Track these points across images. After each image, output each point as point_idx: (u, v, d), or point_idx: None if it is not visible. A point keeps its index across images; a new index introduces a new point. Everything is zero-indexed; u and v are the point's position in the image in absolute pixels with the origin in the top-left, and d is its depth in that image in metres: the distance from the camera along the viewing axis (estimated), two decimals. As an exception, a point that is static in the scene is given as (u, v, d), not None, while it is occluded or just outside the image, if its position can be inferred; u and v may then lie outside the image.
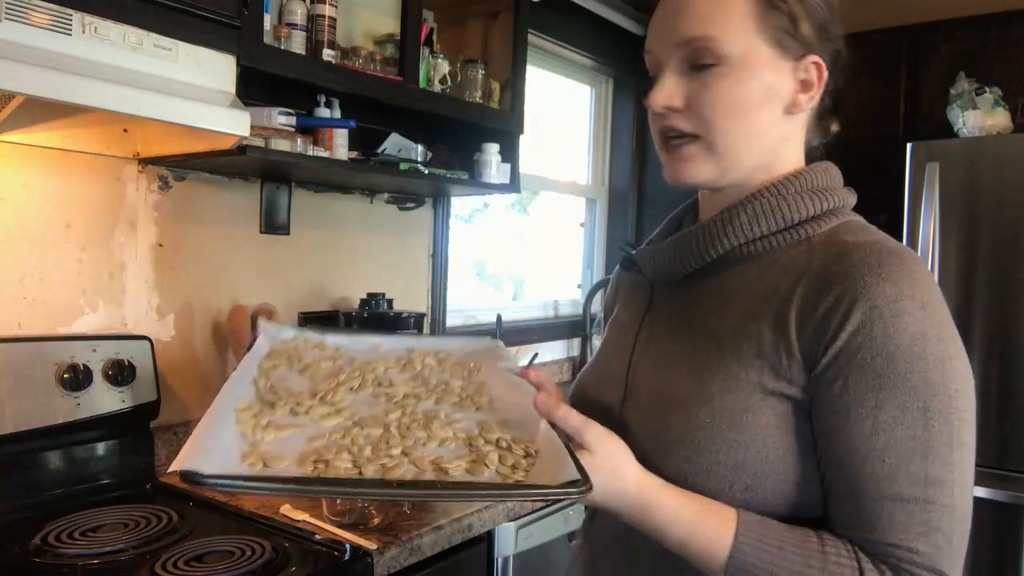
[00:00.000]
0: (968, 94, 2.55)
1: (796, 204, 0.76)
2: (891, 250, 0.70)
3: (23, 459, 1.32)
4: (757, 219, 0.76)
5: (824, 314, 0.68)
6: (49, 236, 1.43)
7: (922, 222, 2.40)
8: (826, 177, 0.80)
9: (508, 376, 0.88)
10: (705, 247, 0.78)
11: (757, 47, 0.74)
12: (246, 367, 0.84)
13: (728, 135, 0.76)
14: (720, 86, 0.74)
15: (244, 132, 1.26)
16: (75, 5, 1.09)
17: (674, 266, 0.81)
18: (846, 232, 0.74)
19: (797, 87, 0.77)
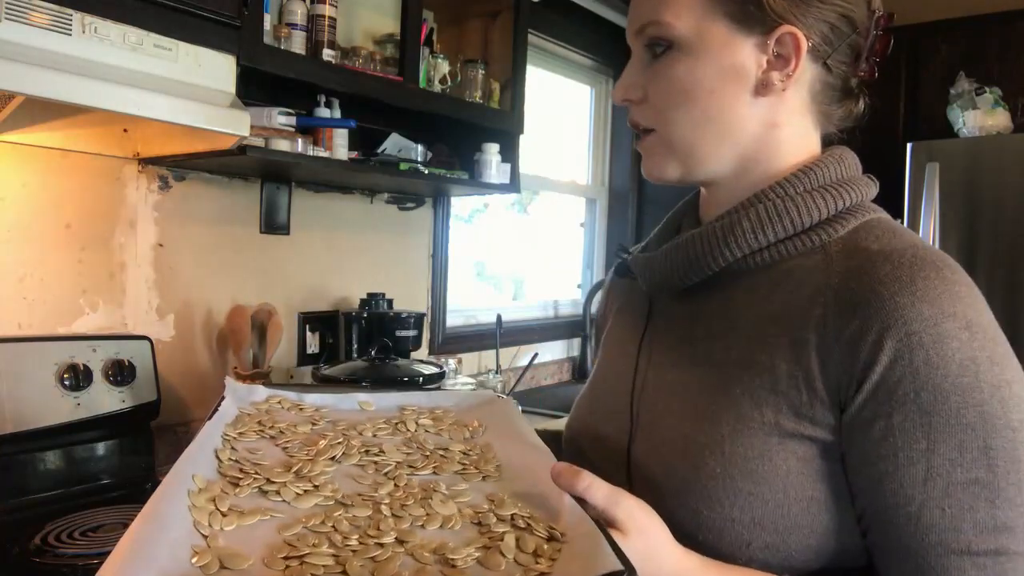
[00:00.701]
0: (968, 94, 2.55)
1: (806, 205, 0.66)
2: (924, 260, 0.59)
3: (23, 459, 1.32)
4: (762, 225, 0.66)
5: (850, 343, 0.59)
6: (49, 236, 1.43)
7: (922, 222, 2.41)
8: (840, 168, 0.69)
9: (519, 437, 0.76)
10: (704, 259, 0.68)
11: (711, 24, 0.66)
12: (207, 436, 0.71)
13: (681, 126, 0.68)
14: (671, 73, 0.67)
15: (244, 132, 1.26)
16: (75, 5, 1.09)
17: (671, 278, 0.72)
18: (868, 236, 0.64)
19: (766, 64, 0.66)
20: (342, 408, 0.86)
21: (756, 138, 0.68)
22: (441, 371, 1.61)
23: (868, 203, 0.68)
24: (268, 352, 1.70)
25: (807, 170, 0.68)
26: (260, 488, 0.62)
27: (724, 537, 0.61)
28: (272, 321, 1.73)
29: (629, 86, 0.70)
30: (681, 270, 0.70)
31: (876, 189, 0.70)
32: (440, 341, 2.29)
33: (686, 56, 0.66)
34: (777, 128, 0.69)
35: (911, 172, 2.46)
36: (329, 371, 1.52)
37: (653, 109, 0.69)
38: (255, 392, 0.86)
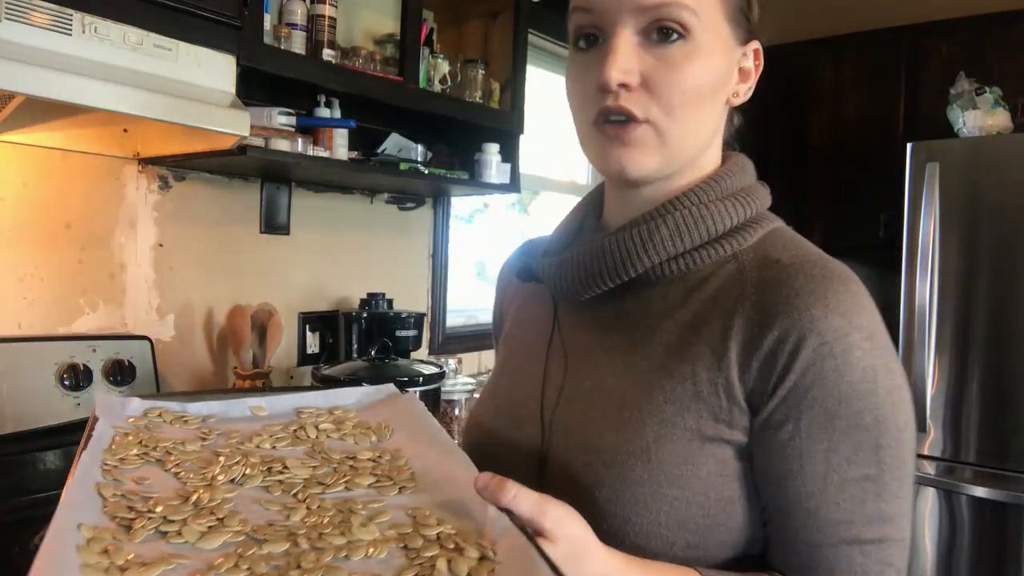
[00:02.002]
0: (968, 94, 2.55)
1: (719, 213, 0.67)
2: (833, 272, 0.63)
3: (23, 459, 1.32)
4: (680, 233, 0.66)
5: (769, 353, 0.61)
6: (49, 236, 1.43)
7: (922, 222, 2.41)
8: (743, 176, 0.72)
9: (430, 438, 0.70)
10: (622, 265, 0.67)
11: (722, 25, 0.66)
12: (84, 470, 0.62)
13: (684, 123, 0.66)
14: (688, 67, 0.64)
15: (244, 132, 1.26)
16: (75, 5, 1.09)
17: (582, 285, 0.70)
18: (776, 246, 0.67)
19: (738, 75, 0.69)
20: (232, 416, 0.77)
21: (707, 144, 0.71)
22: (441, 371, 1.61)
23: (767, 211, 0.72)
24: (268, 352, 1.70)
25: (718, 178, 0.70)
26: (158, 529, 0.54)
27: (651, 540, 0.63)
28: (272, 321, 1.73)
29: (628, 69, 0.64)
30: (594, 276, 0.69)
31: (770, 195, 0.73)
32: (440, 341, 2.29)
33: (700, 51, 0.64)
34: (716, 135, 0.72)
35: (911, 172, 2.45)
36: (329, 371, 1.52)
37: (655, 99, 0.64)
38: (129, 405, 0.76)
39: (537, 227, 3.03)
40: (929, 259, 2.39)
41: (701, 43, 0.64)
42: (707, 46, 0.64)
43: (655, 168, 0.67)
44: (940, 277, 2.39)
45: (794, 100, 3.03)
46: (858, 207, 2.84)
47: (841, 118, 2.93)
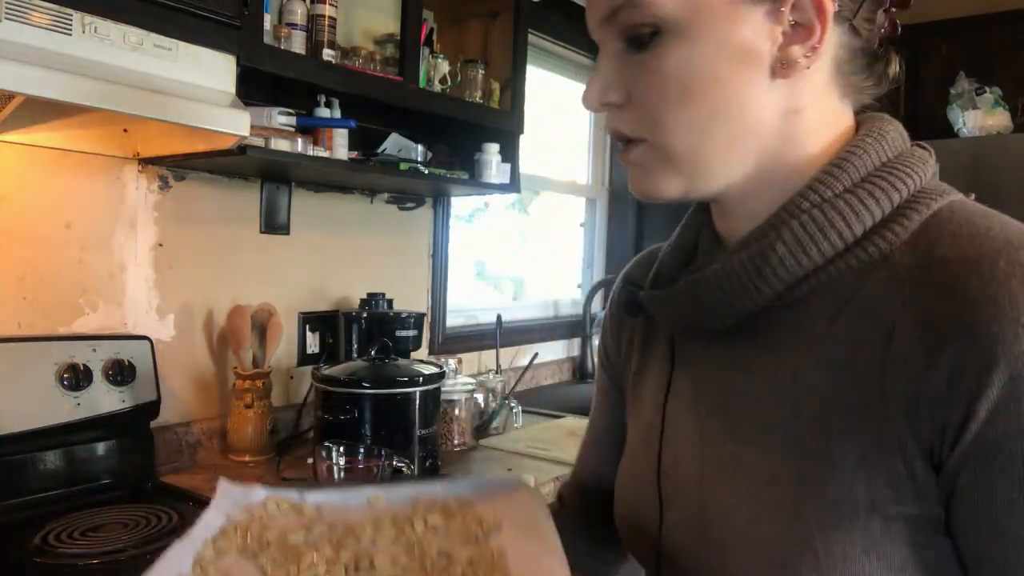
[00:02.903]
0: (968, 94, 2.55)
1: (852, 209, 0.51)
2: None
3: (23, 459, 1.32)
4: (802, 247, 0.51)
5: (941, 391, 0.46)
6: (49, 236, 1.43)
7: (922, 222, 2.41)
8: (882, 146, 0.55)
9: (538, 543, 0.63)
10: (736, 299, 0.54)
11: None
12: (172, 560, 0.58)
13: (682, 131, 0.54)
14: (662, 66, 0.53)
15: (244, 132, 1.26)
16: (75, 5, 1.09)
17: (697, 320, 0.58)
18: (941, 235, 0.49)
19: (782, 37, 0.52)
20: (349, 506, 0.74)
21: (776, 131, 0.54)
22: (441, 371, 1.61)
23: (930, 184, 0.54)
24: (268, 352, 1.70)
25: (842, 161, 0.54)
26: None
27: None
28: (272, 321, 1.73)
29: (606, 87, 0.55)
30: (708, 312, 0.56)
31: (933, 159, 0.56)
32: (440, 341, 2.29)
33: (680, 41, 0.52)
34: (800, 114, 0.55)
35: (911, 172, 2.46)
36: (329, 371, 1.52)
37: (642, 113, 0.55)
38: (251, 494, 0.73)
39: (537, 227, 3.03)
40: (929, 259, 2.39)
41: (681, 29, 0.52)
42: (690, 29, 0.52)
43: (680, 190, 0.56)
44: (940, 277, 2.39)
45: (794, 100, 3.03)
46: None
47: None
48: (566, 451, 1.79)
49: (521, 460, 1.75)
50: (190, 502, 1.38)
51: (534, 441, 1.90)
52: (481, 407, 2.01)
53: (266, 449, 1.65)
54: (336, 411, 1.46)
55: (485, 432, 1.96)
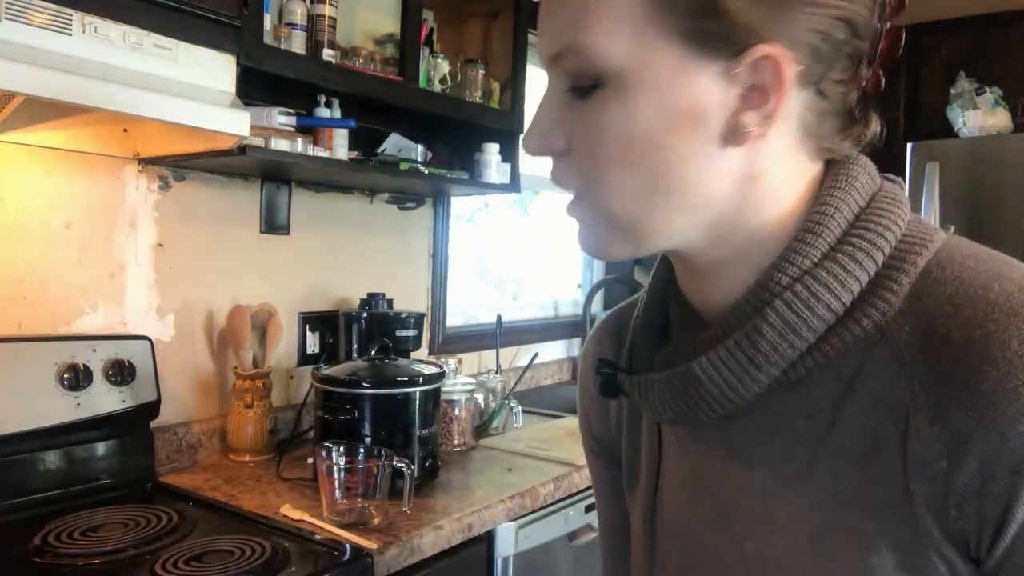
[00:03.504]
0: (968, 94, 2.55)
1: (840, 279, 0.46)
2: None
3: (23, 459, 1.32)
4: (792, 327, 0.46)
5: (970, 494, 0.42)
6: (49, 236, 1.43)
7: (922, 222, 2.41)
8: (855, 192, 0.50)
9: None
10: (732, 389, 0.49)
11: (655, 48, 0.45)
12: None
13: (619, 194, 0.48)
14: (600, 120, 0.47)
15: (244, 132, 1.26)
16: (75, 5, 1.09)
17: (689, 414, 0.52)
18: (938, 302, 0.45)
19: (737, 101, 0.46)
20: None
21: (730, 199, 0.49)
22: (441, 371, 1.61)
23: (911, 230, 0.49)
24: (268, 352, 1.70)
25: (814, 224, 0.48)
26: None
27: None
28: (272, 321, 1.73)
29: (547, 132, 0.50)
30: (701, 407, 0.51)
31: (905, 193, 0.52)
32: (440, 341, 2.29)
33: (621, 97, 0.46)
34: (760, 180, 0.49)
35: (911, 172, 2.46)
36: (329, 371, 1.52)
37: (582, 168, 0.49)
38: None
39: (537, 227, 3.03)
40: (929, 259, 2.39)
41: (622, 85, 0.46)
42: (633, 85, 0.46)
43: (626, 252, 0.51)
44: (940, 277, 2.39)
45: (794, 100, 3.03)
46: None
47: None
48: (566, 451, 1.79)
49: (521, 460, 1.75)
50: (190, 502, 1.38)
51: (534, 441, 1.90)
52: (481, 407, 2.01)
53: (266, 449, 1.65)
54: (336, 411, 1.46)
55: (485, 432, 1.96)
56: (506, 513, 1.46)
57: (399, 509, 1.34)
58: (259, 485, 1.49)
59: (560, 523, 1.61)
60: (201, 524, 1.28)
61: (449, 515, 1.36)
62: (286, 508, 1.34)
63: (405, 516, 1.33)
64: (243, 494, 1.43)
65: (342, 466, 1.29)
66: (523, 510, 1.50)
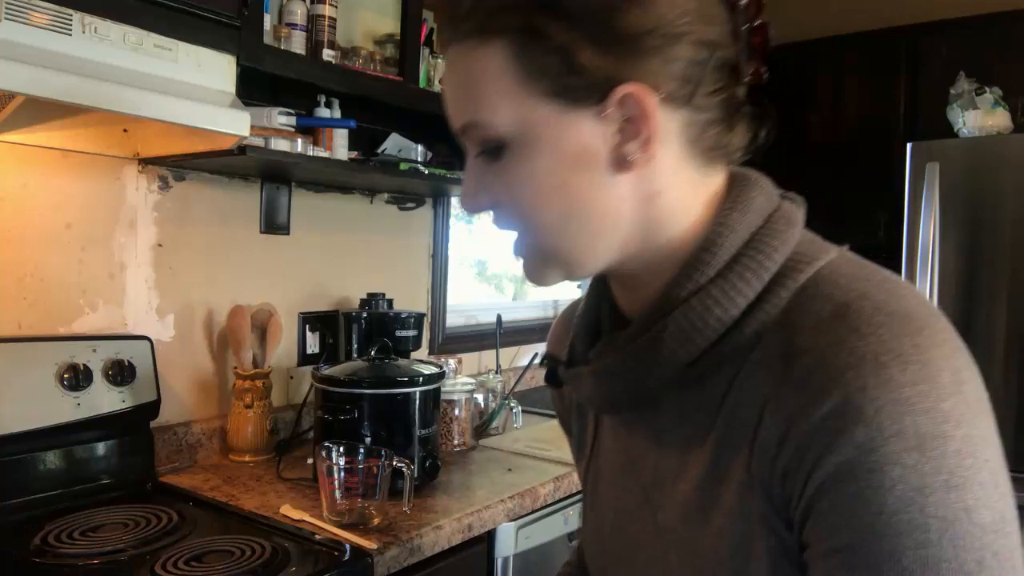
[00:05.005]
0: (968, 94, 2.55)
1: (730, 295, 0.53)
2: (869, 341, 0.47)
3: (23, 459, 1.32)
4: (687, 335, 0.54)
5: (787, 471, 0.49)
6: (49, 236, 1.43)
7: (922, 222, 2.41)
8: (751, 214, 0.56)
9: None
10: (639, 384, 0.57)
11: (534, 109, 0.53)
12: None
13: (544, 231, 0.56)
14: (510, 177, 0.56)
15: (244, 132, 1.26)
16: (75, 5, 1.09)
17: (606, 403, 0.62)
18: (804, 314, 0.51)
19: (617, 135, 0.53)
20: None
21: (637, 218, 0.56)
22: (441, 371, 1.61)
23: (800, 248, 0.55)
24: (268, 352, 1.70)
25: (711, 244, 0.55)
26: None
27: None
28: (272, 321, 1.73)
29: (473, 194, 0.59)
30: (616, 399, 0.61)
31: (802, 214, 0.58)
32: (440, 341, 2.29)
33: (523, 153, 0.54)
34: (659, 197, 0.55)
35: (911, 172, 2.45)
36: (329, 371, 1.52)
37: (509, 215, 0.58)
38: None
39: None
40: (929, 259, 2.39)
41: (520, 144, 0.54)
42: (526, 143, 0.54)
43: (561, 278, 0.59)
44: (940, 277, 2.39)
45: (794, 100, 3.03)
46: (858, 207, 2.84)
47: (841, 118, 2.93)
48: (566, 451, 1.77)
49: (521, 460, 1.75)
50: (190, 502, 1.38)
51: (534, 441, 1.90)
52: (481, 407, 2.01)
53: (266, 449, 1.65)
54: (336, 411, 1.46)
55: (485, 432, 1.96)
56: (506, 513, 1.46)
57: (399, 509, 1.34)
58: (259, 485, 1.49)
59: (560, 523, 1.61)
60: (201, 524, 1.28)
61: (449, 515, 1.36)
62: (286, 508, 1.34)
63: (405, 516, 1.33)
64: (243, 494, 1.43)
65: (342, 466, 1.29)
66: (523, 510, 1.50)
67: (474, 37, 0.54)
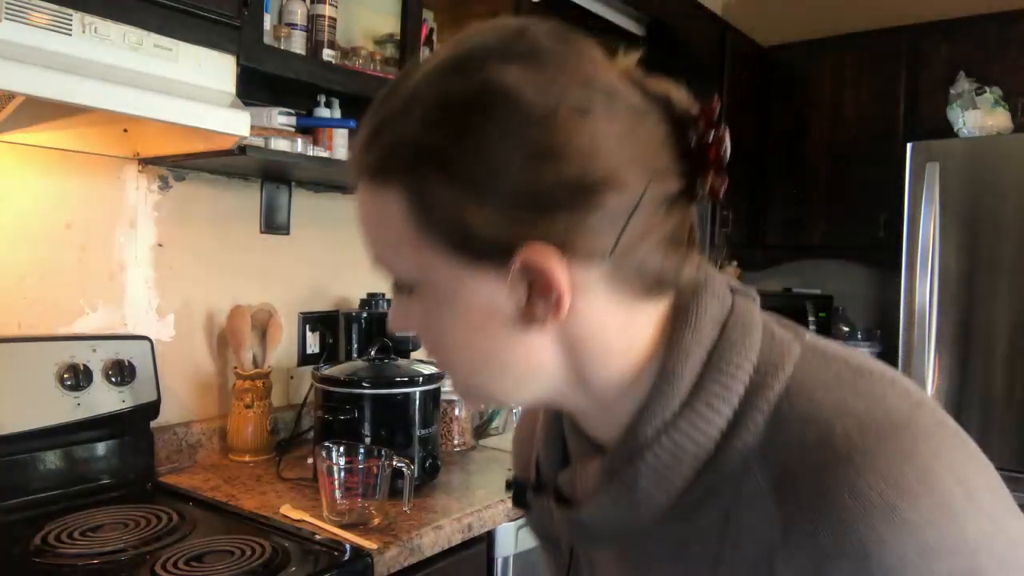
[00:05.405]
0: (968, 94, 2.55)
1: (701, 428, 0.48)
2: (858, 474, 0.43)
3: (23, 459, 1.32)
4: (664, 476, 0.49)
5: None
6: (49, 236, 1.43)
7: (922, 222, 2.41)
8: (704, 331, 0.50)
9: None
10: (622, 528, 0.52)
11: (433, 261, 0.48)
12: None
13: (456, 371, 0.53)
14: (420, 317, 0.52)
15: (244, 132, 1.26)
16: (75, 5, 1.09)
17: (583, 541, 0.58)
18: (788, 435, 0.46)
19: (525, 292, 0.47)
20: None
21: (565, 362, 0.50)
22: (441, 371, 1.61)
23: (763, 358, 0.49)
24: (268, 352, 1.70)
25: (669, 374, 0.49)
26: None
27: None
28: (272, 321, 1.73)
29: (395, 320, 0.55)
30: (597, 540, 0.56)
31: (756, 308, 0.53)
32: (440, 341, 2.29)
33: (426, 300, 0.51)
34: (588, 342, 0.50)
35: (911, 172, 2.46)
36: (329, 371, 1.52)
37: (428, 350, 0.55)
38: None
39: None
40: (929, 259, 2.39)
41: (424, 290, 0.50)
42: (429, 292, 0.50)
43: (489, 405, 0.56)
44: (940, 277, 2.39)
45: (794, 100, 3.03)
46: (858, 207, 2.84)
47: (841, 118, 2.93)
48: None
49: (521, 460, 1.74)
50: (190, 502, 1.38)
51: (534, 441, 1.90)
52: (481, 407, 2.01)
53: (266, 449, 1.65)
54: (336, 411, 1.46)
55: (485, 432, 1.96)
56: (506, 513, 1.46)
57: (399, 509, 1.34)
58: (259, 485, 1.49)
59: (560, 523, 1.61)
60: (201, 524, 1.28)
61: (449, 515, 1.36)
62: (286, 508, 1.34)
63: (405, 516, 1.33)
64: (243, 494, 1.43)
65: (342, 466, 1.29)
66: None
67: (376, 177, 0.49)
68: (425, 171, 0.47)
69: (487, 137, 0.45)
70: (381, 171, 0.49)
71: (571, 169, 0.45)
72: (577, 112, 0.45)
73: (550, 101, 0.45)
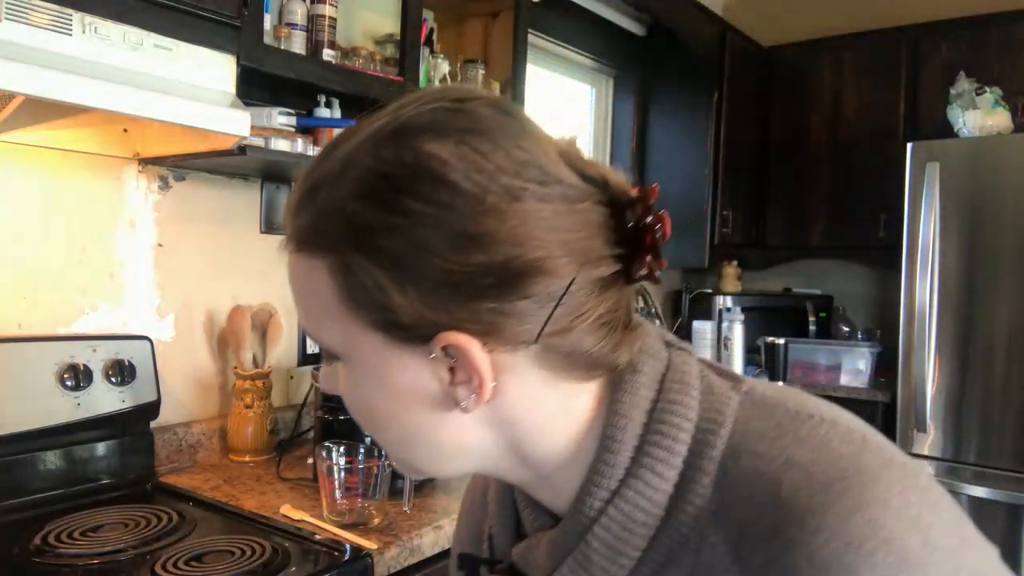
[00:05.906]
0: (968, 94, 2.55)
1: (647, 495, 0.48)
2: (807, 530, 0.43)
3: (23, 459, 1.32)
4: (616, 548, 0.48)
5: None
6: (49, 236, 1.43)
7: (922, 222, 2.41)
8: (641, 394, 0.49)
9: None
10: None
11: (359, 339, 0.48)
12: None
13: (390, 448, 0.52)
14: (346, 383, 0.51)
15: (244, 132, 1.26)
16: (75, 5, 1.09)
17: None
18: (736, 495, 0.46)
19: (448, 375, 0.47)
20: None
21: (497, 440, 0.50)
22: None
23: (702, 415, 0.49)
24: (268, 352, 1.70)
25: (612, 442, 0.49)
26: None
27: None
28: (272, 321, 1.73)
29: (327, 380, 0.54)
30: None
31: (693, 362, 0.52)
32: (440, 341, 2.29)
33: (351, 372, 0.50)
34: (517, 423, 0.49)
35: (911, 172, 2.46)
36: (329, 371, 1.52)
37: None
38: None
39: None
40: (929, 259, 2.39)
41: (350, 362, 0.49)
42: (355, 365, 0.49)
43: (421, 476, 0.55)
44: (940, 277, 2.39)
45: (794, 100, 3.03)
46: (858, 207, 2.84)
47: (841, 118, 2.93)
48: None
49: (521, 460, 1.74)
50: (190, 502, 1.38)
51: (534, 441, 1.90)
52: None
53: (266, 449, 1.65)
54: (336, 411, 1.46)
55: (485, 432, 1.96)
56: (506, 513, 1.45)
57: (399, 509, 1.34)
58: (259, 485, 1.49)
59: (560, 523, 1.61)
60: (201, 524, 1.28)
61: (449, 515, 1.36)
62: (286, 508, 1.34)
63: (405, 516, 1.33)
64: (243, 494, 1.43)
65: (342, 466, 1.29)
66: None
67: (303, 247, 0.49)
68: (352, 248, 0.46)
69: (414, 217, 0.44)
70: (309, 242, 0.48)
71: (497, 257, 0.44)
72: (507, 198, 0.44)
73: (480, 185, 0.44)
